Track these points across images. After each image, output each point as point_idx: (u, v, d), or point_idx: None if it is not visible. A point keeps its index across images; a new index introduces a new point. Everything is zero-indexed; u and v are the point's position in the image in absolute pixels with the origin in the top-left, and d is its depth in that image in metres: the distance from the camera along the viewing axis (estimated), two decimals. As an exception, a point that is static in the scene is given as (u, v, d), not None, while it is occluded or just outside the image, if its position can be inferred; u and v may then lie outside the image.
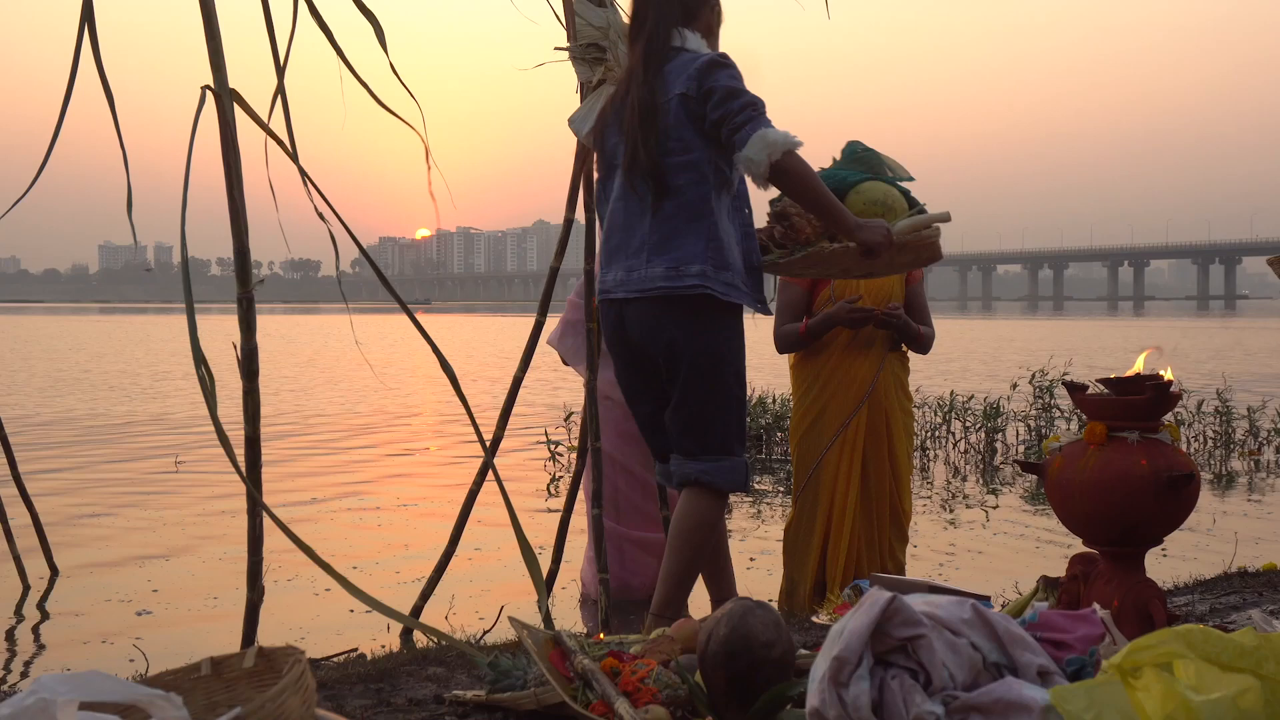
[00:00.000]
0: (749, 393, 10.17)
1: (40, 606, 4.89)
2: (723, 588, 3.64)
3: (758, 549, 5.84)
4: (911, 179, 3.84)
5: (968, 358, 23.15)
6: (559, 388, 14.82)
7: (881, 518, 4.42)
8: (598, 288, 3.46)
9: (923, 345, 4.45)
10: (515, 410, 4.35)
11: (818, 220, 3.46)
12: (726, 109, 3.12)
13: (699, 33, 3.30)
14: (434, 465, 9.44)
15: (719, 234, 3.22)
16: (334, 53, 3.63)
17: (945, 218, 3.55)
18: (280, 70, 3.60)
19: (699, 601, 4.46)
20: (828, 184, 3.45)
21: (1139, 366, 2.91)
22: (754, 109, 3.13)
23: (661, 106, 3.20)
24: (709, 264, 3.17)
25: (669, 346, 3.24)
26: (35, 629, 4.60)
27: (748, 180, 3.32)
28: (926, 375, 13.03)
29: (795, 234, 3.61)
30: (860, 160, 3.80)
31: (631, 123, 3.23)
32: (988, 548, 6.07)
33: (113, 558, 5.76)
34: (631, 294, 3.25)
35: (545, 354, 4.75)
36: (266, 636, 3.99)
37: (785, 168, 3.11)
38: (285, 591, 5.03)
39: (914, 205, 3.67)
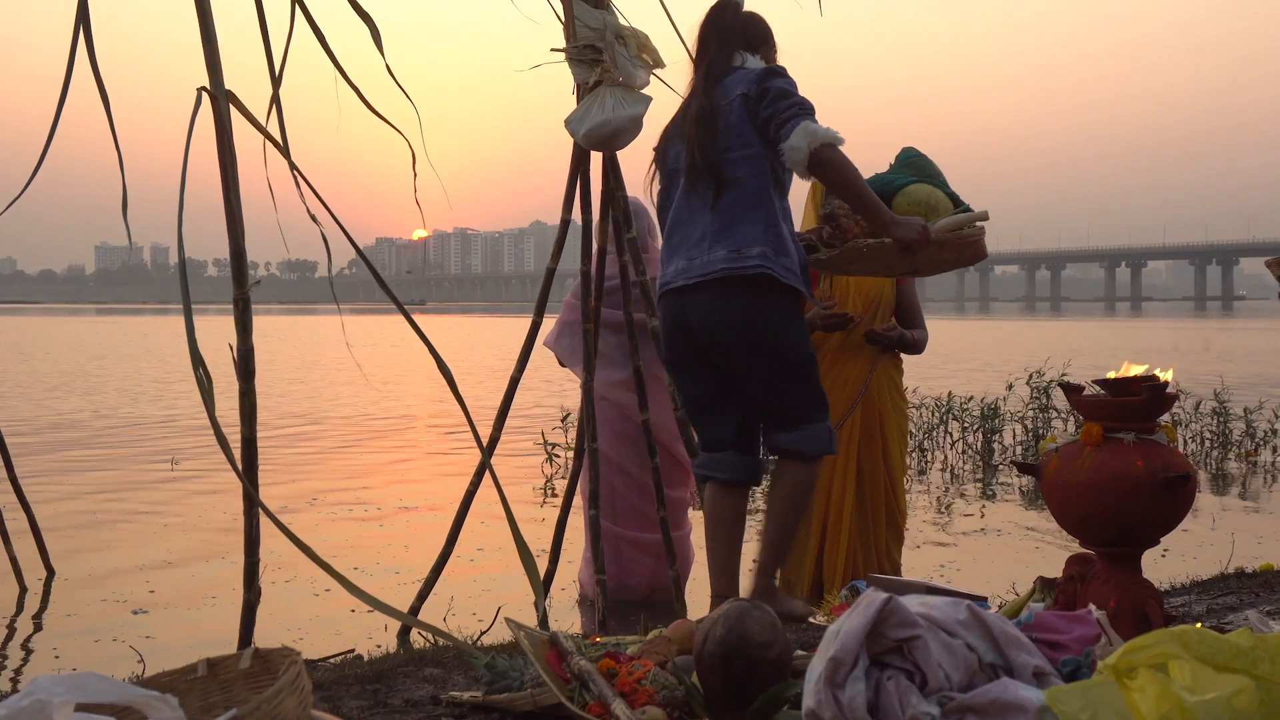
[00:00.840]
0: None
1: (37, 608, 4.88)
2: (728, 583, 3.65)
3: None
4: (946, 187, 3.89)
5: (968, 359, 23.15)
6: (557, 389, 14.81)
7: (877, 518, 4.42)
8: (658, 283, 3.58)
9: (916, 349, 4.47)
10: (512, 411, 4.35)
11: (858, 216, 3.60)
12: (776, 107, 3.35)
13: (759, 57, 3.55)
14: (434, 466, 9.44)
15: (778, 222, 3.41)
16: (328, 57, 3.63)
17: (984, 216, 3.68)
18: (276, 79, 3.59)
19: (699, 601, 4.46)
20: (876, 187, 3.61)
21: (1135, 370, 2.91)
22: (801, 108, 3.35)
23: (722, 109, 3.42)
24: (769, 247, 3.35)
25: (730, 330, 3.39)
26: (31, 630, 4.60)
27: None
28: (924, 376, 13.03)
29: (842, 234, 3.72)
30: (911, 165, 3.90)
31: (691, 130, 3.46)
32: (985, 548, 6.08)
33: (109, 559, 5.76)
34: (692, 280, 3.40)
35: (542, 355, 4.75)
36: (265, 637, 3.99)
37: (824, 158, 3.31)
38: (284, 592, 5.03)
39: (960, 207, 3.75)
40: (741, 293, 3.36)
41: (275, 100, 3.59)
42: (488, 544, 5.79)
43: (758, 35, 3.59)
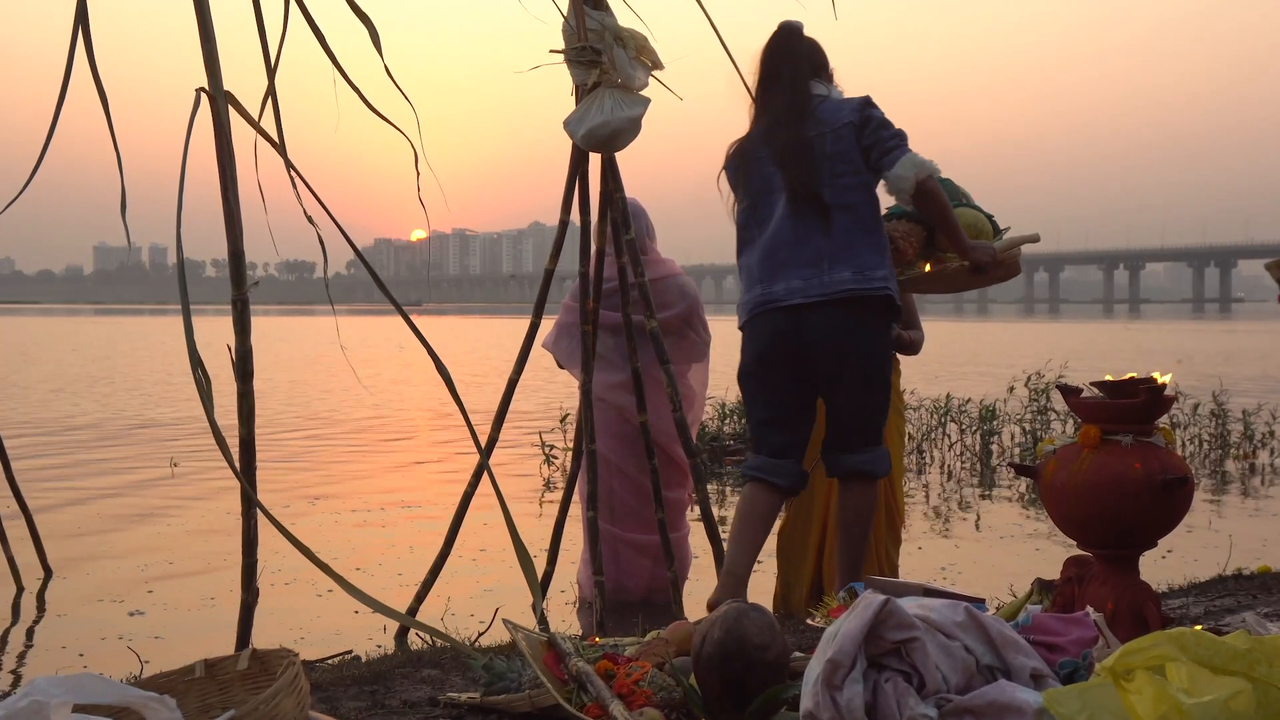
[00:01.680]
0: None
1: (35, 609, 4.88)
2: (745, 567, 3.76)
3: (763, 551, 5.81)
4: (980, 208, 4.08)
5: (966, 361, 23.16)
6: (555, 390, 14.81)
7: (876, 520, 4.42)
8: (756, 298, 3.68)
9: (913, 349, 4.48)
10: (511, 412, 4.35)
11: (913, 239, 3.86)
12: (878, 136, 3.59)
13: (828, 82, 3.75)
14: (438, 467, 9.43)
15: (888, 246, 3.67)
16: (327, 56, 3.63)
17: (1035, 238, 4.05)
18: (271, 73, 3.60)
19: (697, 602, 4.46)
20: None
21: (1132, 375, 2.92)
22: (901, 138, 3.60)
23: (826, 138, 3.60)
24: (887, 270, 3.60)
25: (849, 346, 3.58)
26: (29, 631, 4.59)
27: None
28: (923, 378, 13.05)
29: (899, 255, 3.92)
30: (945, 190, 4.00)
31: (785, 159, 3.62)
32: (982, 550, 6.08)
33: (108, 559, 5.75)
34: (812, 299, 3.55)
35: (540, 356, 4.75)
36: (266, 637, 3.99)
37: (928, 189, 3.58)
38: (285, 593, 5.03)
39: (997, 228, 3.99)
40: (865, 311, 3.57)
41: (272, 95, 3.59)
42: (491, 545, 5.78)
43: (821, 61, 3.76)
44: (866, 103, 3.65)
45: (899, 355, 4.56)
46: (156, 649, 4.16)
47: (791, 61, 3.71)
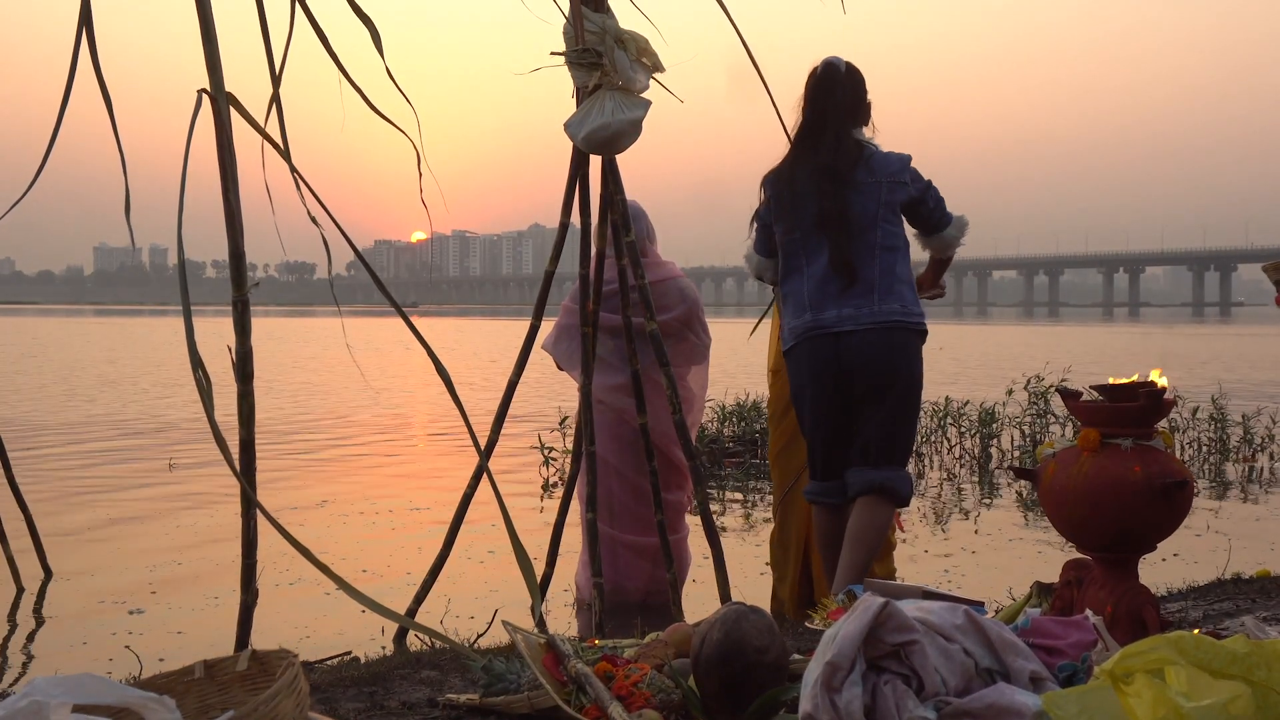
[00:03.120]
0: (747, 398, 10.21)
1: (34, 609, 4.88)
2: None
3: (764, 554, 5.82)
4: None
5: (966, 364, 23.15)
6: (555, 392, 14.81)
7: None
8: (806, 324, 3.83)
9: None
10: (511, 414, 4.34)
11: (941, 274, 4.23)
12: (937, 199, 3.98)
13: (864, 128, 3.97)
14: (442, 468, 9.43)
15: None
16: (331, 59, 3.64)
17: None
18: (276, 79, 3.60)
19: (696, 604, 4.46)
20: None
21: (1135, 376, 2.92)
22: (942, 197, 3.99)
23: (883, 185, 3.84)
24: (920, 306, 3.91)
25: (889, 369, 3.77)
26: (29, 631, 4.59)
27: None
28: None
29: None
30: None
31: (831, 232, 3.82)
32: (982, 553, 6.08)
33: (108, 560, 5.75)
34: (862, 326, 3.78)
35: (540, 358, 4.75)
36: (270, 638, 3.99)
37: (960, 244, 4.08)
38: (290, 592, 5.03)
39: None
40: (908, 340, 3.81)
41: (276, 101, 3.60)
42: (493, 546, 5.78)
43: (862, 98, 3.95)
44: (910, 162, 3.91)
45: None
46: (156, 649, 4.16)
47: (837, 109, 3.89)
